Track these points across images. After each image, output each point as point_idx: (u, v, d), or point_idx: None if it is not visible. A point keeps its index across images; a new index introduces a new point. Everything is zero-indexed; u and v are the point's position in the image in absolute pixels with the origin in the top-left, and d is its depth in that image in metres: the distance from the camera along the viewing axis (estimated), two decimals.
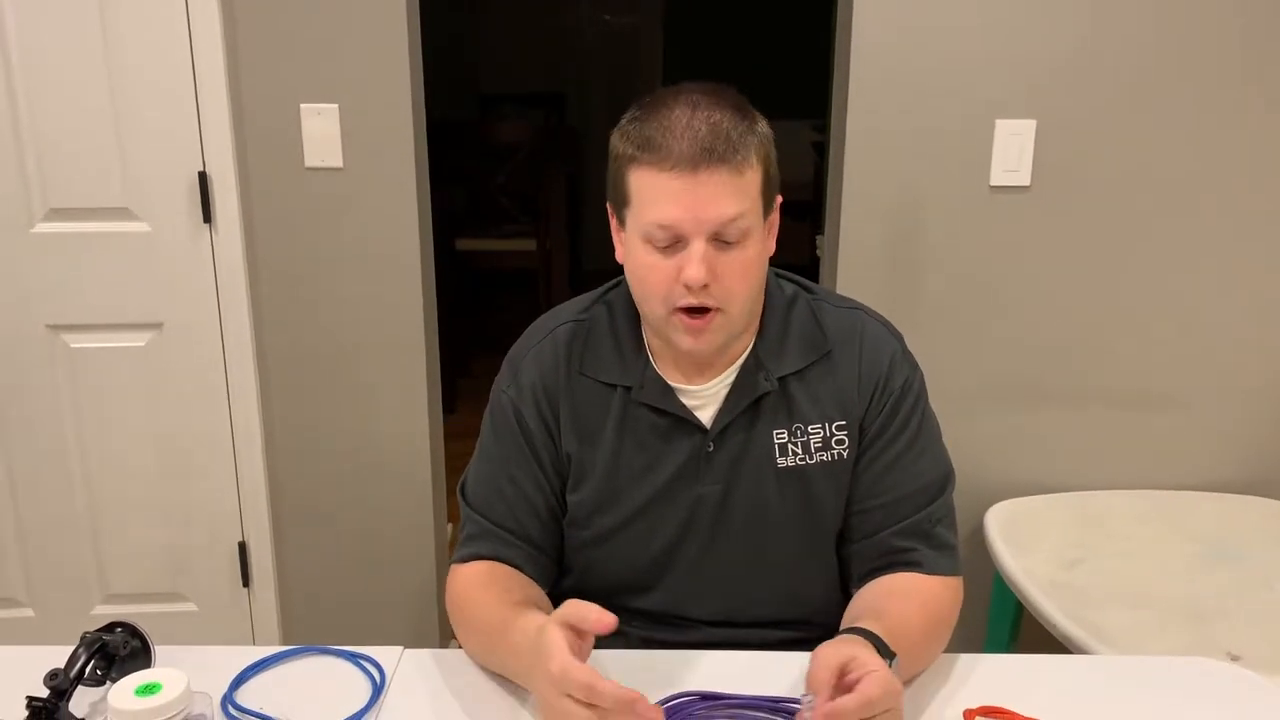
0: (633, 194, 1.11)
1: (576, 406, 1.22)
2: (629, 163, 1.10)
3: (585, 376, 1.22)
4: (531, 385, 1.22)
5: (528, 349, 1.25)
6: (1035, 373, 2.16)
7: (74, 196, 2.07)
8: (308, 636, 2.33)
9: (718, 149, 1.07)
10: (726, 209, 1.07)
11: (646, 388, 1.20)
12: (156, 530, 2.26)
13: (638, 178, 1.09)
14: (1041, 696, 1.12)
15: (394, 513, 2.29)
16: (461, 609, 1.19)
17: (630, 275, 1.16)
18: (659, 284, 1.11)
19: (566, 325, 1.25)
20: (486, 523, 1.23)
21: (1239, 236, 2.09)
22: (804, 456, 1.20)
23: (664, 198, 1.07)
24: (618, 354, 1.22)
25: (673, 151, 1.06)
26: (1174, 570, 1.88)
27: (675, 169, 1.06)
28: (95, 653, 1.06)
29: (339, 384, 2.22)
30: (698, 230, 1.07)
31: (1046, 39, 1.99)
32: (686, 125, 1.07)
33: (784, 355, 1.20)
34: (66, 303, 2.13)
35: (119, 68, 2.01)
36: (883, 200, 2.08)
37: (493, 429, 1.25)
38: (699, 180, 1.06)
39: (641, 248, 1.11)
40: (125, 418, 2.20)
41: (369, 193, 2.11)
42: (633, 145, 1.10)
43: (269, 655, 1.17)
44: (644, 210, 1.09)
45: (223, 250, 2.11)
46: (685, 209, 1.07)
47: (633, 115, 1.12)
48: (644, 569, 1.24)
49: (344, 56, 2.04)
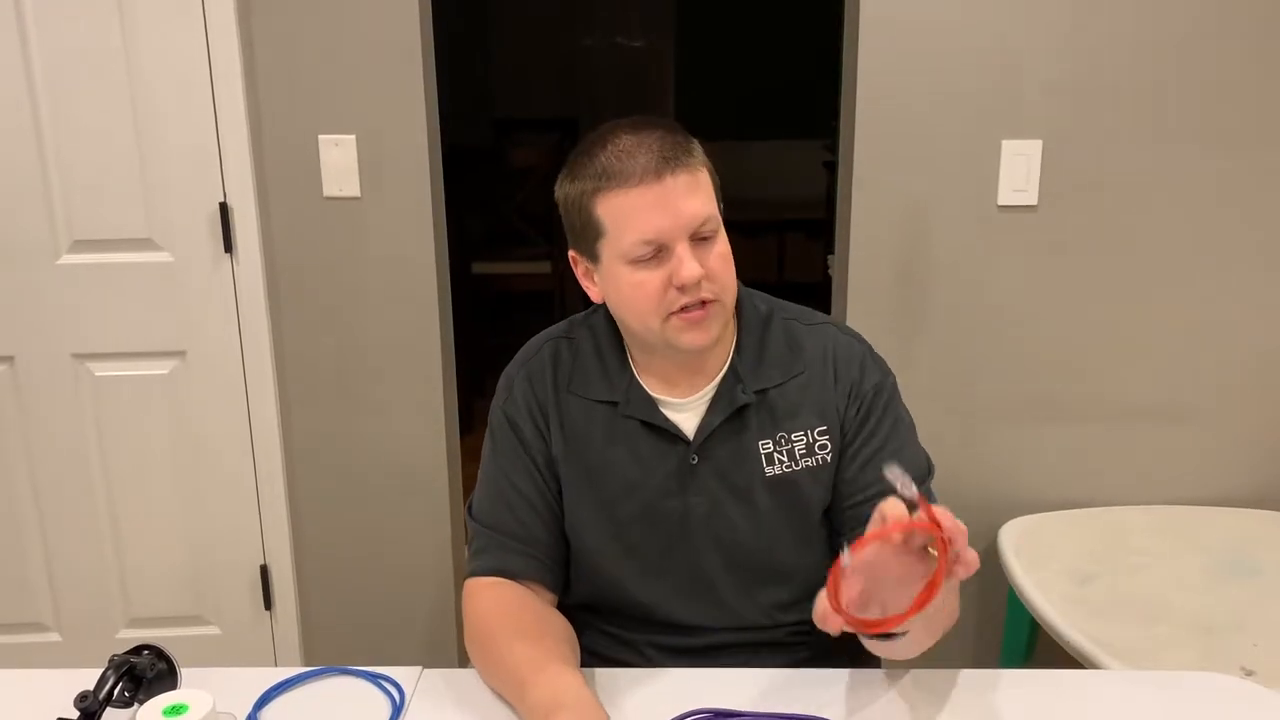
0: (606, 223, 1.15)
1: (565, 421, 1.26)
2: (593, 195, 1.15)
3: (574, 395, 1.26)
4: (524, 395, 1.27)
5: (519, 367, 1.31)
6: (1046, 390, 2.17)
7: (98, 228, 2.11)
8: (329, 658, 2.34)
9: (673, 156, 1.13)
10: (697, 207, 1.13)
11: (633, 402, 1.24)
12: (180, 554, 2.29)
13: (607, 205, 1.14)
14: (1059, 712, 1.13)
15: (413, 535, 2.31)
16: (483, 645, 1.20)
17: (617, 301, 1.20)
18: (650, 297, 1.15)
19: (552, 343, 1.30)
20: (495, 534, 1.27)
21: (1248, 253, 2.09)
22: (790, 464, 1.23)
23: (640, 212, 1.12)
24: (602, 372, 1.26)
25: (634, 170, 1.12)
26: (1187, 585, 1.88)
27: (642, 183, 1.11)
28: (123, 675, 1.07)
29: (358, 409, 2.24)
30: (679, 233, 1.12)
31: (1052, 60, 2.01)
32: (636, 145, 1.13)
33: (761, 370, 1.24)
34: (91, 332, 2.17)
35: (141, 101, 2.06)
36: (892, 220, 2.10)
37: (492, 444, 1.30)
38: (666, 187, 1.11)
39: (625, 270, 1.15)
40: (149, 444, 2.23)
41: (386, 221, 2.14)
42: (591, 179, 1.14)
43: (292, 676, 1.19)
44: (623, 233, 1.14)
45: (243, 279, 2.14)
46: (662, 216, 1.12)
47: (574, 161, 1.18)
48: (642, 580, 1.27)
49: (361, 88, 2.07)
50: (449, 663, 2.36)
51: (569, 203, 1.19)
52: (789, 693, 1.15)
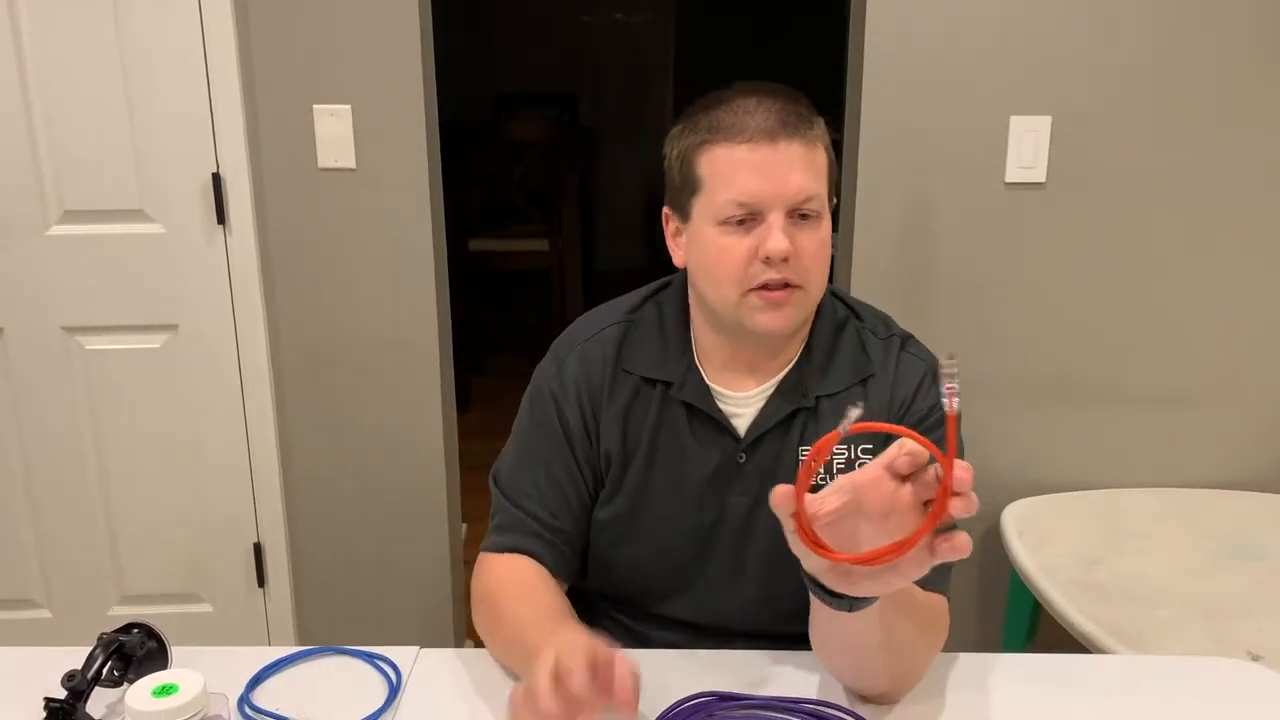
0: (705, 176, 1.10)
1: (617, 404, 1.21)
2: (699, 147, 1.11)
3: (627, 373, 1.21)
4: (575, 380, 1.21)
5: (575, 343, 1.24)
6: (1052, 371, 2.14)
7: (88, 199, 2.08)
8: (323, 636, 2.34)
9: (792, 122, 1.08)
10: (804, 181, 1.08)
11: (687, 386, 1.19)
12: (172, 531, 2.27)
13: (711, 159, 1.10)
14: (1062, 696, 1.11)
15: (409, 512, 2.29)
16: (492, 611, 1.17)
17: (699, 266, 1.15)
18: (734, 265, 1.09)
19: (616, 325, 1.24)
20: (520, 513, 1.21)
21: (1259, 231, 2.07)
22: (825, 477, 1.18)
23: (742, 171, 1.07)
24: (663, 350, 1.21)
25: (748, 126, 1.07)
26: (1193, 569, 1.86)
27: (752, 141, 1.07)
28: (112, 653, 1.06)
29: (353, 384, 2.21)
30: (777, 202, 1.07)
31: (1061, 32, 1.97)
32: (757, 105, 1.09)
33: (826, 377, 1.19)
34: (81, 305, 2.14)
35: (133, 71, 2.02)
36: (897, 198, 2.07)
37: (532, 418, 1.24)
38: (777, 150, 1.07)
39: (713, 231, 1.10)
40: (141, 419, 2.20)
41: (382, 193, 2.11)
42: (702, 130, 1.10)
43: (285, 656, 1.17)
44: (719, 189, 1.09)
45: (236, 251, 2.11)
46: (764, 180, 1.07)
47: (691, 114, 1.13)
48: (668, 574, 1.23)
49: (357, 57, 2.04)
50: (445, 639, 2.35)
51: (674, 155, 1.14)
52: (790, 676, 1.13)
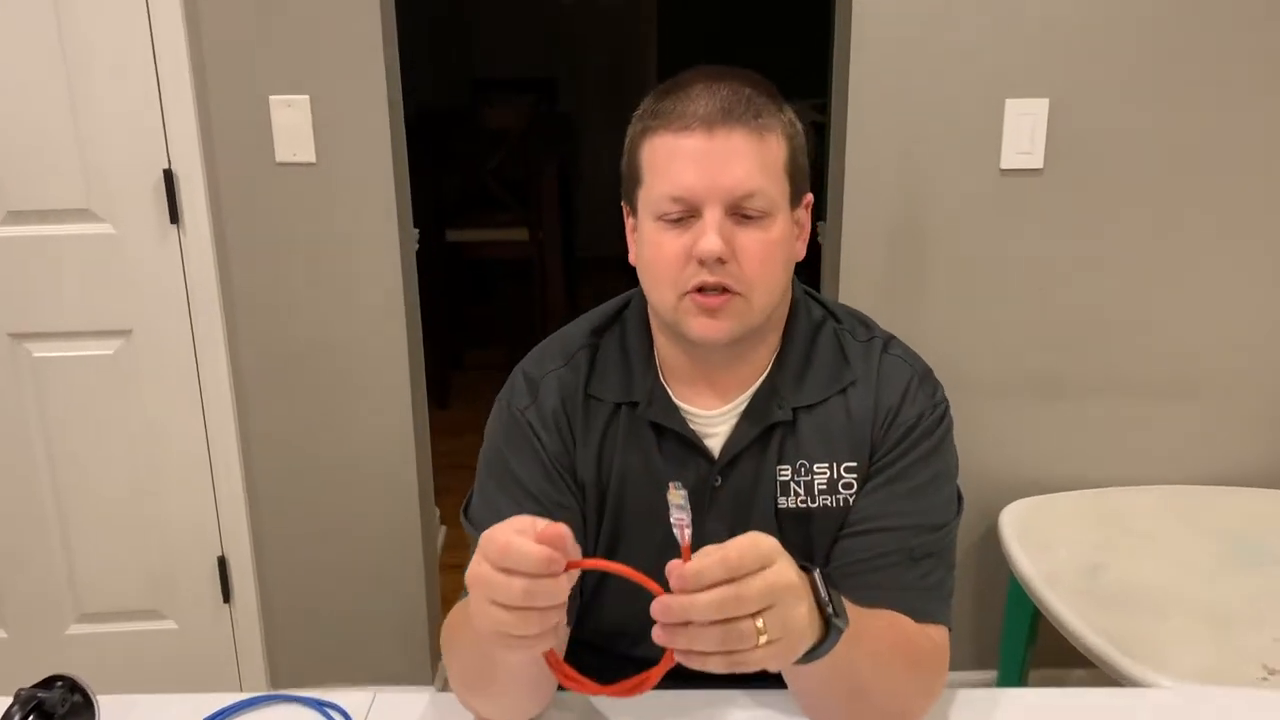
0: (645, 168, 1.03)
1: (593, 435, 1.12)
2: (641, 136, 1.03)
3: (598, 400, 1.12)
4: (554, 410, 1.11)
5: (548, 369, 1.14)
6: (1049, 364, 2.07)
7: (32, 198, 1.97)
8: (292, 652, 2.26)
9: (736, 110, 0.99)
10: (745, 175, 0.99)
11: (654, 404, 1.10)
12: (132, 546, 2.16)
13: (650, 148, 1.02)
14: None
15: (380, 519, 2.19)
16: (453, 629, 1.06)
17: (641, 266, 1.07)
18: (670, 264, 1.01)
19: (585, 349, 1.14)
20: None
21: (1262, 220, 2.00)
22: (805, 498, 1.09)
23: (677, 161, 0.99)
24: (625, 370, 1.12)
25: (687, 113, 0.99)
26: (1201, 573, 1.78)
27: (688, 129, 0.99)
28: (31, 711, 0.96)
29: (318, 388, 2.12)
30: (712, 196, 0.99)
31: (1058, 12, 1.89)
32: (704, 90, 1.00)
33: (802, 386, 1.10)
34: (29, 310, 2.03)
35: (76, 60, 1.91)
36: (887, 185, 1.99)
37: (507, 442, 1.12)
38: (714, 140, 0.98)
39: (652, 228, 1.02)
40: (95, 429, 2.10)
41: (344, 188, 2.01)
42: (647, 117, 1.03)
43: (227, 706, 1.08)
44: (656, 182, 1.01)
45: (192, 252, 2.01)
46: (700, 172, 0.98)
47: (647, 99, 1.05)
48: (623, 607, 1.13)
49: (314, 44, 1.93)
50: (420, 650, 2.28)
51: (628, 143, 1.06)
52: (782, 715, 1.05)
